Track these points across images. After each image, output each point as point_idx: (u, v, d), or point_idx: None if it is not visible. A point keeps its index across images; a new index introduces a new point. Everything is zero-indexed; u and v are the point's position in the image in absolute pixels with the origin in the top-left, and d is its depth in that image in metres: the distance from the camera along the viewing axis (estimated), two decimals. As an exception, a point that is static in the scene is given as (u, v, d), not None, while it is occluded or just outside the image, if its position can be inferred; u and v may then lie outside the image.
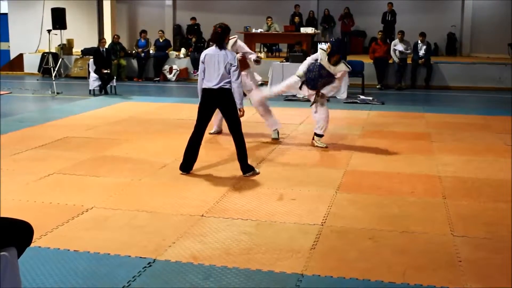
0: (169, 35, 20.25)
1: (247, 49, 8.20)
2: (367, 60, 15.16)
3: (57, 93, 13.24)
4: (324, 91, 7.69)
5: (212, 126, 8.36)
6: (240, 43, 8.16)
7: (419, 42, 15.46)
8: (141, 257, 4.11)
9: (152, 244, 4.36)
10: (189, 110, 7.12)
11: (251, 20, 18.84)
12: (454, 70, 15.67)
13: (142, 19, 22.05)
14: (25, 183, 5.95)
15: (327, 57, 7.49)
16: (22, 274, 3.56)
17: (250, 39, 17.11)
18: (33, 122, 9.52)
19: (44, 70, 17.27)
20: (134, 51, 17.43)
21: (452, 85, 15.41)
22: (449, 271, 3.94)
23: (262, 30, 17.67)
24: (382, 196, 5.65)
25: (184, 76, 16.97)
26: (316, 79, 7.61)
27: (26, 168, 6.51)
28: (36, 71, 17.99)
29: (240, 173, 6.36)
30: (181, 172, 6.42)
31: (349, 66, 7.68)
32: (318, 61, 7.59)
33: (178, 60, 17.28)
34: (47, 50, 16.90)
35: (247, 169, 6.38)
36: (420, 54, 15.36)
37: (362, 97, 12.88)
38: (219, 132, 8.57)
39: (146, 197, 5.60)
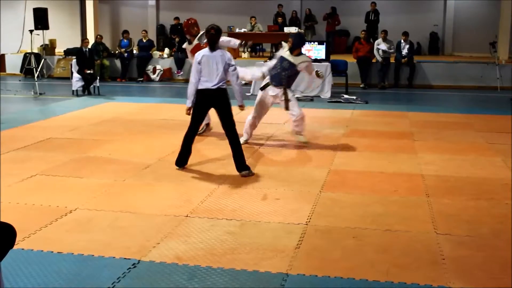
0: (152, 35, 20.17)
1: (228, 39, 8.16)
2: (350, 60, 15.23)
3: (40, 93, 13.15)
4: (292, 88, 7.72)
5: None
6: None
7: (402, 41, 15.56)
8: (125, 258, 4.10)
9: (136, 245, 4.34)
10: (173, 111, 7.11)
11: (235, 20, 18.83)
12: (437, 69, 15.80)
13: (125, 19, 21.95)
14: (7, 184, 5.90)
15: (288, 50, 7.60)
16: (5, 276, 3.54)
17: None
18: (15, 123, 9.44)
19: (27, 70, 17.11)
20: (117, 51, 17.35)
21: (434, 84, 15.54)
22: (432, 269, 3.98)
23: (245, 30, 17.66)
24: (365, 195, 5.69)
25: (168, 76, 16.92)
26: (279, 73, 7.59)
27: (9, 170, 6.45)
28: (18, 72, 17.81)
29: (224, 173, 6.37)
30: (177, 167, 6.55)
31: (308, 58, 7.83)
32: (279, 54, 7.74)
33: (162, 60, 17.23)
34: (29, 51, 16.77)
35: (244, 167, 6.39)
36: (403, 53, 15.46)
37: (345, 96, 12.94)
38: (206, 125, 8.50)
39: (130, 198, 5.58)
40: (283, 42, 7.92)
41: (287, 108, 7.70)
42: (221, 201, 5.45)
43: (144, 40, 17.32)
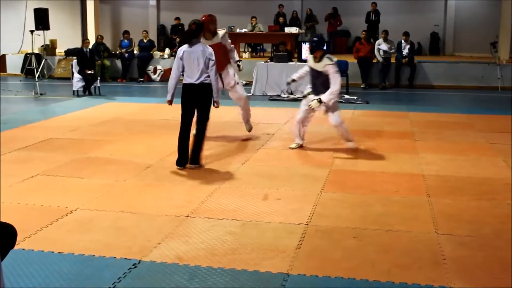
0: (153, 35, 20.17)
1: (231, 46, 8.24)
2: (351, 60, 15.21)
3: (41, 94, 13.15)
4: (324, 99, 7.26)
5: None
6: (228, 37, 8.24)
7: (403, 41, 15.55)
8: (126, 259, 4.10)
9: (137, 245, 4.34)
10: (174, 111, 7.08)
11: (235, 20, 18.82)
12: (438, 69, 15.78)
13: (125, 19, 21.96)
14: (8, 185, 5.90)
15: (311, 56, 7.50)
16: (6, 276, 3.53)
17: (234, 39, 17.03)
18: (16, 123, 9.44)
19: (27, 71, 17.12)
20: (118, 52, 17.35)
21: (435, 84, 15.52)
22: (433, 269, 3.97)
23: (246, 30, 17.65)
24: (366, 195, 5.68)
25: (169, 77, 16.85)
26: (312, 82, 7.58)
27: (10, 170, 6.45)
28: (19, 72, 17.83)
29: (225, 173, 6.37)
30: (177, 167, 6.57)
31: (333, 59, 7.36)
32: (308, 64, 7.63)
33: (163, 61, 17.22)
34: (30, 51, 16.79)
35: (195, 162, 6.61)
36: (403, 53, 15.44)
37: (346, 96, 12.92)
38: None
39: (131, 198, 5.58)
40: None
41: (326, 112, 7.57)
42: (222, 201, 5.45)
43: (145, 40, 17.33)
